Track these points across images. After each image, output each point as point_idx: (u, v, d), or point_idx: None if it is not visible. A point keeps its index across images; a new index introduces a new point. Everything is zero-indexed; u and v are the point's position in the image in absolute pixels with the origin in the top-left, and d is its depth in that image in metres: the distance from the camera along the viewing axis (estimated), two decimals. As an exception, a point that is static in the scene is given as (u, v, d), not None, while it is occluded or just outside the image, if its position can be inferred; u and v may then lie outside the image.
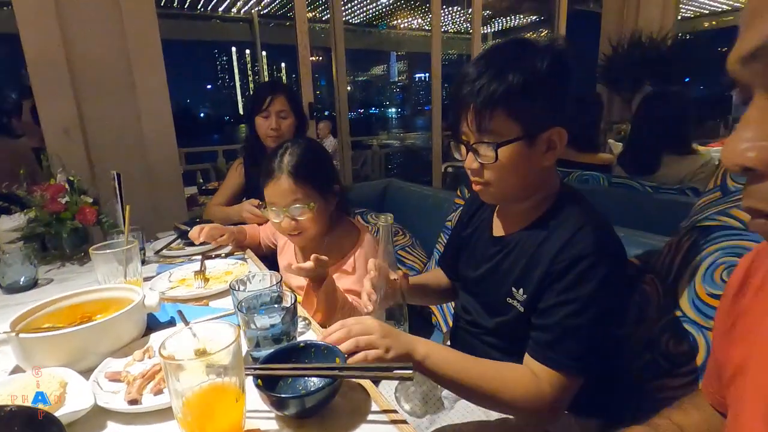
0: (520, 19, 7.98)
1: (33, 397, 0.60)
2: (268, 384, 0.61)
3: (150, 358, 0.76)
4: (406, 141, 9.21)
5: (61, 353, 0.70)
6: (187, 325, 0.83)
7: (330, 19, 3.15)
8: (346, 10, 7.50)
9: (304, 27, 2.82)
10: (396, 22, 8.45)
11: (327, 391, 0.58)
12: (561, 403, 0.74)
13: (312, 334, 0.86)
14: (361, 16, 8.01)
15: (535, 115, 0.74)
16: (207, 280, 1.12)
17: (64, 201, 1.34)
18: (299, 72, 2.91)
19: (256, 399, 0.60)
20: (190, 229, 1.39)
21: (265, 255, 1.47)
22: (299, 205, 1.09)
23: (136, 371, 0.70)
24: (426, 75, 3.65)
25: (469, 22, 3.88)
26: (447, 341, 1.21)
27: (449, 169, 3.90)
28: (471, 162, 0.80)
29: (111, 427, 0.60)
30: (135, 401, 0.62)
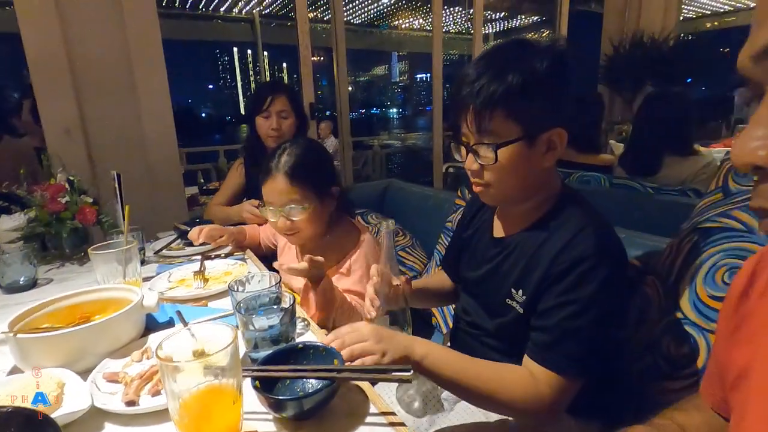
0: (521, 19, 7.96)
1: (33, 397, 0.60)
2: (265, 386, 0.60)
3: (148, 358, 0.75)
4: (407, 141, 9.19)
5: (58, 354, 0.70)
6: (185, 325, 0.83)
7: (331, 19, 3.15)
8: (348, 11, 7.50)
9: (305, 27, 2.82)
10: (397, 23, 8.44)
11: (325, 393, 0.58)
12: (559, 404, 0.74)
13: (311, 335, 0.85)
14: (363, 16, 8.00)
15: (535, 115, 0.74)
16: (206, 281, 1.11)
17: (64, 201, 1.34)
18: (300, 72, 2.91)
19: (254, 401, 0.59)
20: (189, 229, 1.39)
21: (265, 255, 1.47)
22: (294, 206, 1.10)
23: (134, 372, 0.70)
24: (427, 75, 3.64)
25: (471, 22, 3.88)
26: (447, 342, 1.21)
27: (450, 169, 3.89)
28: (471, 163, 0.80)
29: (108, 429, 0.60)
30: (132, 402, 0.62)
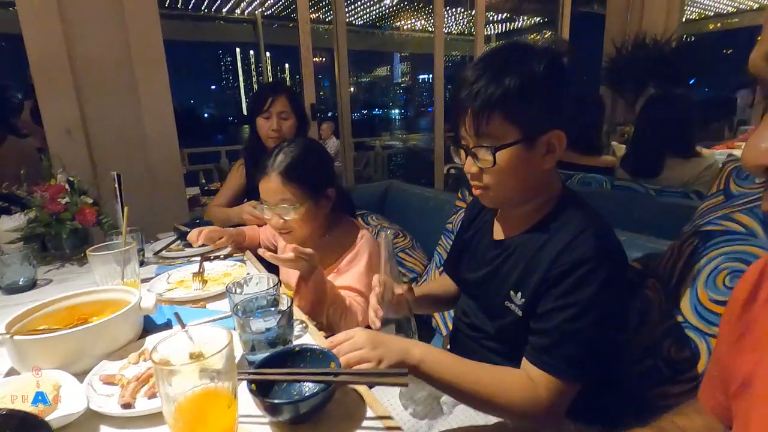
0: (523, 20, 7.94)
1: (33, 397, 0.60)
2: (262, 389, 0.60)
3: (145, 360, 0.75)
4: (408, 142, 9.18)
5: (55, 355, 0.70)
6: (183, 327, 0.82)
7: (333, 20, 3.15)
8: (350, 12, 7.49)
9: (306, 28, 2.82)
10: (399, 24, 8.44)
11: (321, 396, 0.57)
12: (558, 408, 0.74)
13: (309, 337, 0.85)
14: (365, 17, 8.00)
15: (533, 118, 0.74)
16: (205, 282, 1.11)
17: (64, 201, 1.34)
18: (302, 73, 2.91)
19: (250, 404, 0.59)
20: (189, 230, 1.39)
21: (265, 256, 1.47)
22: (287, 205, 1.11)
23: (131, 374, 0.69)
24: (429, 76, 3.64)
25: (473, 23, 3.88)
26: (447, 345, 1.20)
27: (451, 170, 3.89)
28: (470, 166, 0.80)
29: (103, 431, 0.60)
30: (128, 405, 0.62)
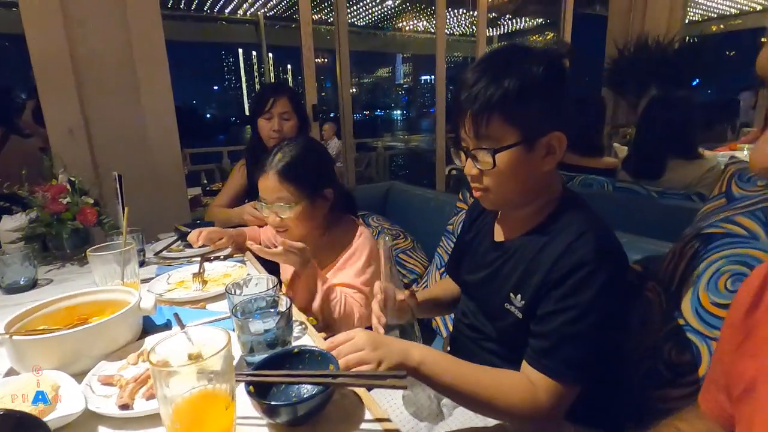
0: (526, 22, 7.94)
1: (33, 396, 0.60)
2: (260, 390, 0.60)
3: (144, 361, 0.75)
4: (410, 143, 9.19)
5: (54, 356, 0.70)
6: (182, 328, 0.82)
7: (334, 21, 3.15)
8: (352, 13, 7.50)
9: (308, 29, 2.82)
10: (401, 24, 8.45)
11: (319, 398, 0.57)
12: (557, 410, 0.73)
13: (308, 338, 0.85)
14: (367, 18, 8.01)
15: (533, 120, 0.74)
16: (205, 283, 1.11)
17: (65, 201, 1.34)
18: (303, 74, 2.91)
19: (248, 406, 0.59)
20: (190, 230, 1.39)
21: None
22: (283, 204, 1.13)
23: (130, 375, 0.69)
24: (431, 77, 3.63)
25: (475, 24, 3.87)
26: (447, 346, 1.20)
27: (453, 171, 3.88)
28: (470, 168, 0.80)
29: (101, 432, 0.60)
30: (126, 406, 0.61)
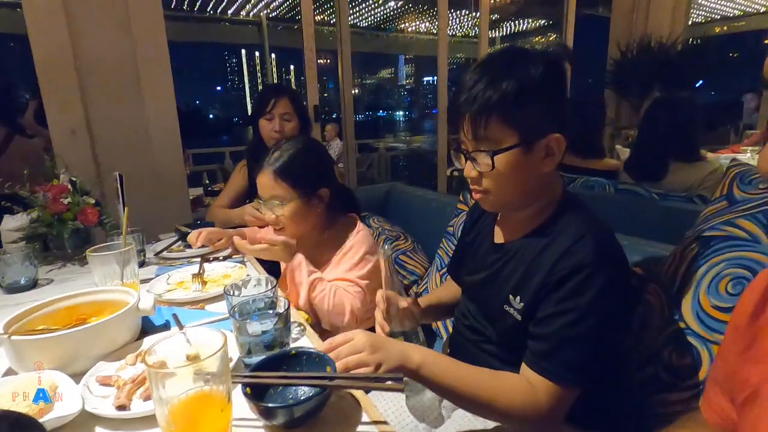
0: (528, 23, 7.94)
1: (34, 394, 0.60)
2: (257, 392, 0.60)
3: (142, 362, 0.75)
4: (412, 144, 9.18)
5: (53, 356, 0.70)
6: (181, 329, 0.82)
7: (336, 22, 3.16)
8: (354, 14, 7.51)
9: (310, 30, 2.82)
10: (404, 26, 8.45)
11: (316, 400, 0.57)
12: (557, 413, 0.73)
13: (306, 340, 0.85)
14: (370, 19, 8.02)
15: (531, 122, 0.73)
16: (204, 284, 1.11)
17: (66, 202, 1.34)
18: (305, 75, 2.92)
19: (245, 407, 0.58)
20: (190, 231, 1.39)
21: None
22: (276, 202, 1.16)
23: (128, 376, 0.69)
24: (433, 78, 3.63)
25: (477, 25, 3.87)
26: (446, 348, 1.19)
27: (455, 173, 3.88)
28: (469, 170, 0.80)
29: (98, 433, 0.60)
30: (123, 407, 0.61)
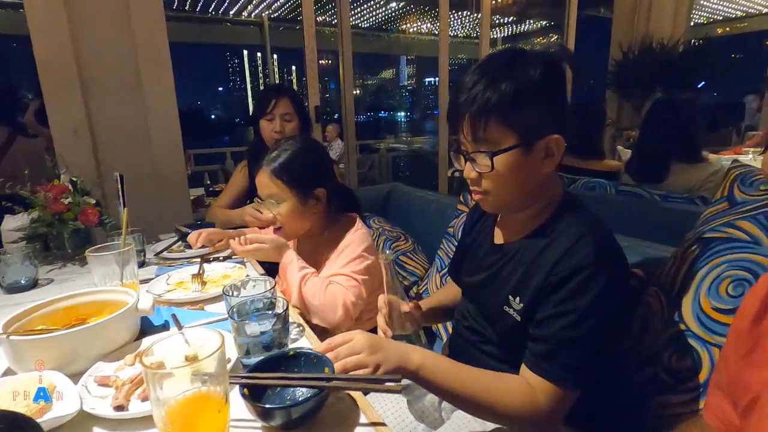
0: (530, 24, 7.93)
1: (35, 393, 0.60)
2: (254, 393, 0.59)
3: (140, 362, 0.75)
4: (413, 145, 9.19)
5: (51, 356, 0.69)
6: (180, 329, 0.82)
7: (338, 22, 3.16)
8: (356, 15, 7.52)
9: (311, 30, 2.83)
10: (405, 27, 8.46)
11: (314, 401, 0.57)
12: (557, 414, 0.73)
13: (305, 341, 0.85)
14: (371, 20, 8.03)
15: (530, 122, 0.73)
16: (204, 284, 1.11)
17: (66, 202, 1.34)
18: (306, 75, 2.92)
19: (242, 408, 0.58)
20: (190, 231, 1.39)
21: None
22: (273, 200, 1.18)
23: (126, 376, 0.69)
24: (435, 79, 3.63)
25: (479, 26, 3.86)
26: (446, 349, 1.19)
27: (456, 174, 3.87)
28: (469, 171, 0.80)
29: (96, 433, 0.59)
30: (121, 407, 0.61)
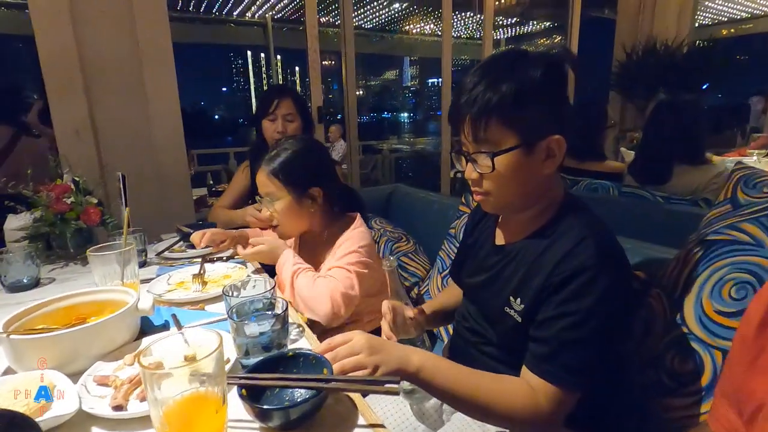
0: (533, 25, 7.92)
1: (36, 392, 0.60)
2: (253, 394, 0.59)
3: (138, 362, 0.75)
4: (416, 146, 9.19)
5: (51, 355, 0.69)
6: (180, 329, 0.82)
7: (340, 23, 3.17)
8: (359, 15, 7.53)
9: (314, 31, 2.83)
10: (408, 27, 8.46)
11: (312, 403, 0.57)
12: (558, 416, 0.72)
13: (305, 342, 0.84)
14: (374, 21, 8.04)
15: (531, 123, 0.73)
16: (205, 284, 1.11)
17: (69, 201, 1.35)
18: (309, 76, 2.93)
19: (241, 409, 0.58)
20: (192, 231, 1.39)
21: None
22: (269, 198, 1.19)
23: (125, 376, 0.69)
24: (438, 80, 3.63)
25: (482, 27, 3.86)
26: (447, 351, 1.19)
27: (458, 174, 3.87)
28: (470, 172, 0.80)
29: (94, 433, 0.59)
30: (120, 407, 0.61)
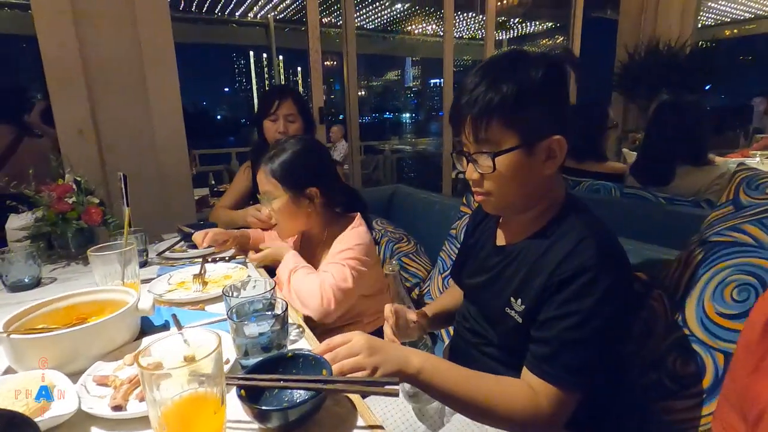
0: (535, 25, 7.91)
1: (37, 391, 0.60)
2: (252, 395, 0.59)
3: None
4: (418, 146, 9.19)
5: (51, 355, 0.69)
6: (180, 330, 0.82)
7: (342, 23, 3.17)
8: (361, 16, 7.53)
9: (315, 32, 2.83)
10: (410, 28, 8.46)
11: (311, 404, 0.57)
12: (558, 418, 0.72)
13: (305, 342, 0.84)
14: (376, 21, 8.04)
15: (532, 124, 0.73)
16: (205, 284, 1.11)
17: (70, 201, 1.35)
18: (311, 76, 2.93)
19: (239, 410, 0.58)
20: (193, 231, 1.39)
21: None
22: (267, 197, 1.20)
23: (125, 376, 0.69)
24: (440, 80, 3.63)
25: (484, 28, 3.86)
26: (447, 351, 1.19)
27: (460, 175, 3.87)
28: (471, 172, 0.80)
29: (94, 433, 0.59)
30: (119, 407, 0.61)
